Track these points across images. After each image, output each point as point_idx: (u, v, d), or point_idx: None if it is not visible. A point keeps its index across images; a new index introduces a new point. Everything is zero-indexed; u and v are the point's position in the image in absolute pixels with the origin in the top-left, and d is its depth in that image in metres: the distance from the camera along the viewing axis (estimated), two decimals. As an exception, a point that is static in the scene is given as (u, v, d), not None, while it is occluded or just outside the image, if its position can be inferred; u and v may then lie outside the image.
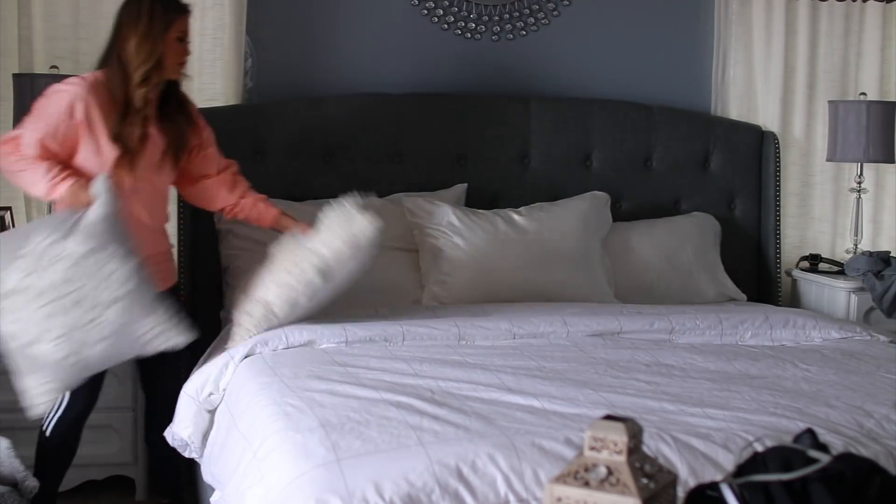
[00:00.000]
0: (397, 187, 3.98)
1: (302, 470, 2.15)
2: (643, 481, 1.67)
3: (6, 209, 3.84)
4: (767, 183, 4.41)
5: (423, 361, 2.91)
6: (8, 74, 3.76)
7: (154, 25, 3.09)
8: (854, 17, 4.52)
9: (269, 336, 3.06)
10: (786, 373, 2.99)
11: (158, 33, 3.09)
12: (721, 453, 2.29)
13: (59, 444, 3.20)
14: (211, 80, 3.94)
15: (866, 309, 4.12)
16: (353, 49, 4.17)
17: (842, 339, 3.48)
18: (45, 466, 3.19)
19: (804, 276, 4.39)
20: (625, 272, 4.02)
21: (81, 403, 3.18)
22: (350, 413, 2.41)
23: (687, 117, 4.37)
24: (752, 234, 4.42)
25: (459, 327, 3.24)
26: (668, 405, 2.57)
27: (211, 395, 2.96)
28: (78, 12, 3.86)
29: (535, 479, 2.17)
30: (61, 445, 3.20)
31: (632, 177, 4.28)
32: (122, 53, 3.10)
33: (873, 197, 4.58)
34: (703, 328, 3.42)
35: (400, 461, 2.16)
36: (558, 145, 4.21)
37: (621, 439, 1.68)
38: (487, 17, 4.29)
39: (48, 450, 3.20)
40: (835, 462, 1.67)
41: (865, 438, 2.42)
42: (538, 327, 3.30)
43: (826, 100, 4.47)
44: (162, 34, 3.10)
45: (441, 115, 4.11)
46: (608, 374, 2.86)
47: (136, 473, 3.69)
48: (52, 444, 3.19)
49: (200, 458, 3.04)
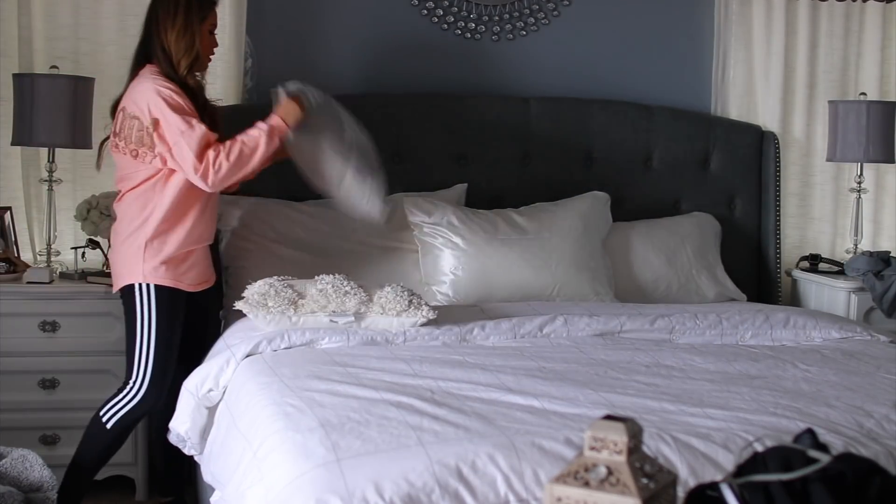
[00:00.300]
0: (397, 187, 3.97)
1: (302, 470, 2.15)
2: (643, 481, 1.67)
3: (6, 209, 3.84)
4: (767, 183, 4.41)
5: (423, 362, 2.90)
6: (8, 74, 3.76)
7: (191, 18, 3.18)
8: (854, 17, 4.52)
9: (269, 335, 3.06)
10: (786, 373, 2.99)
11: (196, 26, 3.19)
12: (721, 453, 2.29)
13: (115, 438, 3.24)
14: (211, 80, 3.91)
15: (866, 309, 4.13)
16: (353, 49, 4.17)
17: (842, 339, 3.48)
18: (88, 455, 3.22)
19: (804, 276, 4.39)
20: (625, 272, 4.02)
21: (153, 399, 3.22)
22: (350, 413, 2.41)
23: (687, 117, 4.37)
24: (752, 234, 4.42)
25: (460, 327, 3.24)
26: (669, 405, 2.57)
27: (210, 392, 2.96)
28: (78, 12, 3.86)
29: (535, 479, 2.17)
30: (116, 440, 3.25)
31: (632, 177, 4.28)
32: (164, 45, 3.18)
33: (873, 197, 4.58)
34: (704, 328, 3.42)
35: (400, 461, 2.16)
36: (558, 145, 4.21)
37: (621, 439, 1.68)
38: (487, 17, 4.29)
39: (103, 441, 3.23)
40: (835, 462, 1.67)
41: (865, 438, 2.42)
42: (538, 327, 3.30)
43: (826, 100, 4.47)
44: (199, 26, 3.20)
45: (441, 115, 4.11)
46: (608, 374, 2.86)
47: (136, 473, 3.69)
48: (109, 436, 3.22)
49: (198, 454, 3.04)
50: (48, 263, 3.76)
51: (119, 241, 3.26)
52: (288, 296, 3.14)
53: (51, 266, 3.73)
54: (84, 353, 3.49)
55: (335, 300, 3.15)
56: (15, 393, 3.57)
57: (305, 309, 3.14)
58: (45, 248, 3.78)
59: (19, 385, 3.58)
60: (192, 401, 2.99)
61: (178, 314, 3.26)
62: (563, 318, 3.36)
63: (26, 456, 2.84)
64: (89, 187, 3.86)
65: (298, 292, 3.17)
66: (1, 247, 3.77)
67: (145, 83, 3.15)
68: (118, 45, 3.89)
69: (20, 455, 2.83)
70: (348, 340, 3.09)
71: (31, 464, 2.84)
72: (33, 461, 2.84)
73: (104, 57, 3.89)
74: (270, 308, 3.12)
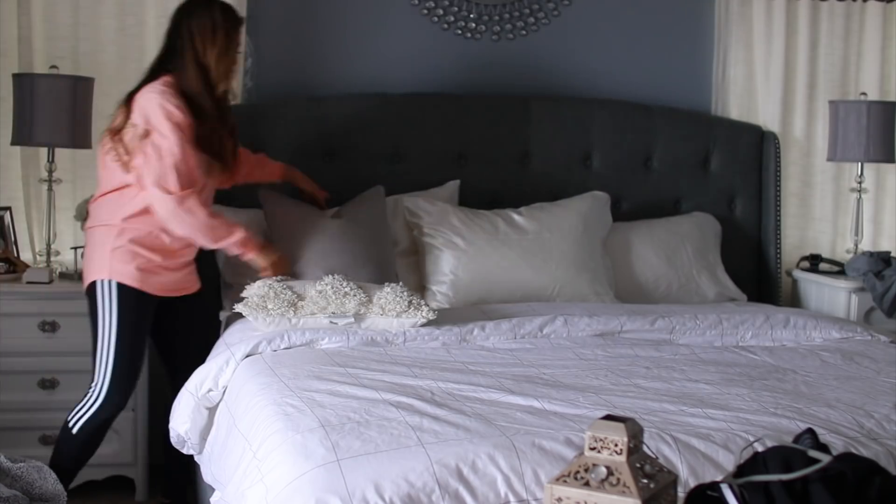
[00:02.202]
0: (397, 187, 3.97)
1: (302, 470, 2.15)
2: (643, 481, 1.67)
3: (6, 209, 3.84)
4: (768, 183, 4.41)
5: (423, 362, 2.90)
6: (8, 74, 3.76)
7: (231, 42, 3.25)
8: (854, 17, 4.52)
9: (269, 336, 3.06)
10: (786, 373, 2.98)
11: (233, 49, 3.26)
12: (721, 453, 2.29)
13: (84, 443, 3.23)
14: (210, 80, 3.93)
15: (867, 309, 4.12)
16: (353, 49, 4.17)
17: (842, 339, 3.47)
18: (62, 462, 3.21)
19: (804, 276, 4.39)
20: (625, 272, 4.02)
21: (115, 404, 3.21)
22: (350, 413, 2.41)
23: (687, 117, 4.37)
24: (753, 234, 4.42)
25: (459, 328, 3.24)
26: (669, 405, 2.56)
27: (210, 392, 2.96)
28: (78, 12, 3.86)
29: (535, 479, 2.17)
30: (85, 444, 3.24)
31: (632, 177, 4.28)
32: (202, 62, 3.19)
33: (874, 197, 4.58)
34: (704, 328, 3.42)
35: (400, 461, 2.16)
36: (558, 145, 4.21)
37: (621, 439, 1.68)
38: (487, 17, 4.28)
39: (71, 446, 3.22)
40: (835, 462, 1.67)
41: (866, 438, 2.42)
42: (538, 328, 3.30)
43: (826, 100, 4.47)
44: (235, 49, 3.28)
45: (441, 115, 4.11)
46: (608, 375, 2.86)
47: (136, 474, 3.69)
48: (76, 441, 3.22)
49: (197, 455, 3.04)
50: (48, 263, 3.76)
51: (89, 238, 3.27)
52: (287, 297, 3.14)
53: (50, 266, 3.73)
54: (84, 353, 3.48)
55: (335, 301, 3.15)
56: (15, 393, 3.57)
57: (305, 311, 3.14)
58: (44, 248, 3.77)
59: (19, 385, 3.58)
60: (191, 401, 2.99)
61: (143, 316, 3.23)
62: (563, 319, 3.35)
63: (42, 468, 2.86)
64: (89, 187, 3.86)
65: (298, 294, 3.17)
66: (0, 247, 3.77)
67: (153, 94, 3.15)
68: (118, 45, 3.89)
69: (36, 465, 2.85)
70: (348, 341, 3.09)
71: (46, 476, 2.85)
72: (48, 475, 2.85)
73: (104, 57, 3.88)
74: (270, 310, 3.12)
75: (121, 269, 3.16)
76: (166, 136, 3.10)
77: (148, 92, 3.16)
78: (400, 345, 3.12)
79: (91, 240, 3.27)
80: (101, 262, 3.18)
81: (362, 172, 3.99)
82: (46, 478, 2.85)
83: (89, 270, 3.24)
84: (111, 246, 3.17)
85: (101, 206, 3.25)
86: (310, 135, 3.98)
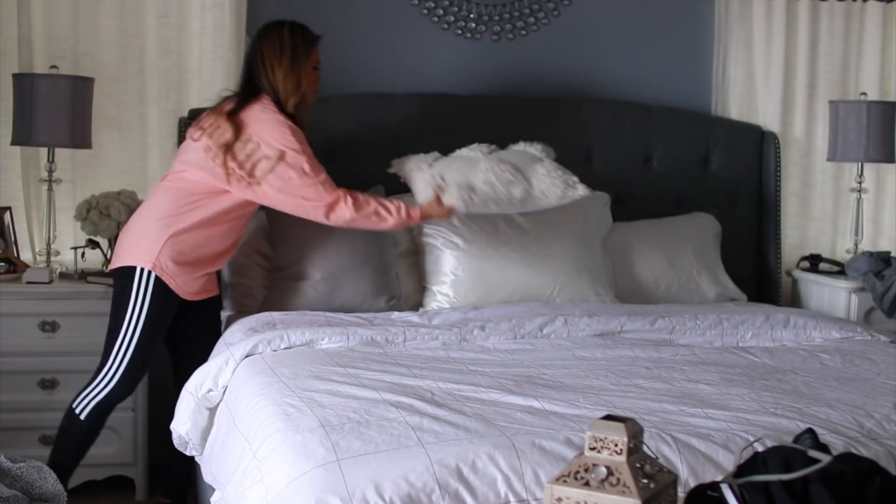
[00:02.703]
0: (398, 187, 3.97)
1: (302, 470, 2.15)
2: (643, 481, 1.67)
3: (6, 209, 3.84)
4: (768, 183, 4.41)
5: (423, 362, 2.91)
6: (8, 74, 3.76)
7: (298, 58, 3.28)
8: (854, 17, 4.52)
9: (269, 336, 3.06)
10: (786, 373, 2.98)
11: (302, 65, 3.28)
12: (721, 453, 2.29)
13: (89, 429, 3.26)
14: (211, 80, 3.94)
15: (867, 309, 4.12)
16: (353, 49, 4.17)
17: (842, 339, 3.48)
18: (67, 446, 3.25)
19: (804, 276, 4.39)
20: (625, 272, 4.02)
21: (124, 391, 3.24)
22: (350, 413, 2.41)
23: (687, 117, 4.37)
24: (753, 234, 4.42)
25: (460, 327, 3.24)
26: (669, 405, 2.56)
27: (210, 392, 2.95)
28: (78, 12, 3.86)
29: (535, 479, 2.17)
30: (90, 431, 3.27)
31: (632, 177, 4.28)
32: (271, 82, 3.26)
33: (874, 197, 4.58)
34: (704, 328, 3.42)
35: (400, 461, 2.16)
36: (558, 145, 4.20)
37: (621, 439, 1.68)
38: (487, 17, 4.28)
39: (77, 434, 3.25)
40: (835, 462, 1.67)
41: (866, 439, 2.42)
42: (538, 328, 3.30)
43: (826, 100, 4.47)
44: (305, 65, 3.29)
45: (441, 115, 4.11)
46: (608, 375, 2.86)
47: (136, 474, 3.69)
48: (82, 428, 3.24)
49: (198, 455, 3.04)
50: (48, 263, 3.76)
51: (142, 220, 3.25)
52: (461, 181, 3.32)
53: (50, 266, 3.73)
54: (84, 353, 3.49)
55: (502, 191, 3.32)
56: (15, 393, 3.57)
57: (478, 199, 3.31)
58: (44, 248, 3.78)
59: (19, 385, 3.58)
60: (192, 402, 2.98)
61: (167, 314, 3.25)
62: (563, 319, 3.36)
63: (42, 468, 2.86)
64: (89, 187, 3.86)
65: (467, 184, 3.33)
66: (0, 247, 3.77)
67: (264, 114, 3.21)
68: (118, 45, 3.89)
69: (36, 465, 2.85)
70: (348, 340, 3.09)
71: (46, 476, 2.86)
72: (47, 475, 2.86)
73: (104, 57, 3.88)
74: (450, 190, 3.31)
75: (166, 264, 3.17)
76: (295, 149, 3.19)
77: (259, 112, 3.21)
78: (400, 345, 3.12)
79: (143, 223, 3.25)
80: (150, 251, 3.17)
81: (362, 173, 3.98)
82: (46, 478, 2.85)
83: (133, 253, 3.21)
84: (166, 237, 3.17)
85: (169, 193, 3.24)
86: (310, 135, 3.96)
